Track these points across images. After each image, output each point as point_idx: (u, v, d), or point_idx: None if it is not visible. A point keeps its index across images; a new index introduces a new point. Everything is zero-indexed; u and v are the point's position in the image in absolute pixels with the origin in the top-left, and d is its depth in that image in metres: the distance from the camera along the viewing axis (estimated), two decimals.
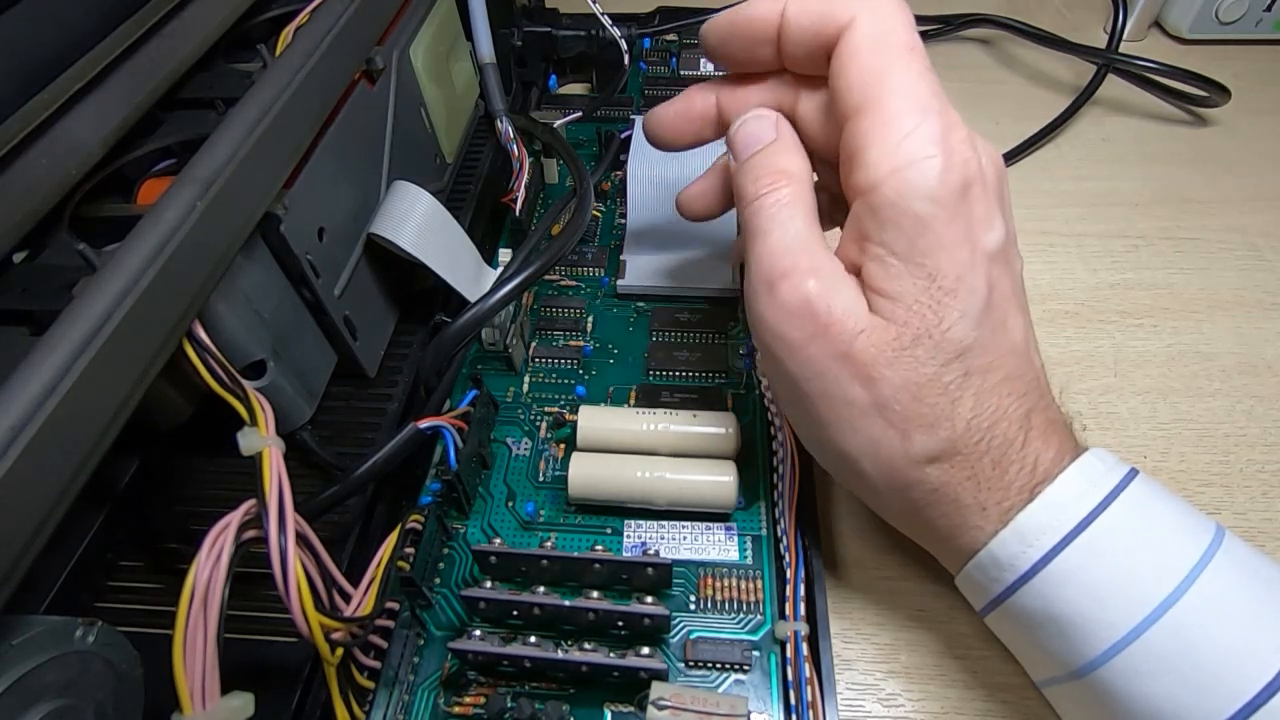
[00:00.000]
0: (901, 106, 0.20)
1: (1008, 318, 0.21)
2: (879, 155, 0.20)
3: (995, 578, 0.21)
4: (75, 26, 0.21)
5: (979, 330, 0.20)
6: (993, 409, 0.20)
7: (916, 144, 0.20)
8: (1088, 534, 0.19)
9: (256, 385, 0.23)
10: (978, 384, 0.20)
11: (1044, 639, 0.20)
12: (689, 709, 0.21)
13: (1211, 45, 0.51)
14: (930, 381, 0.20)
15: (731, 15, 0.24)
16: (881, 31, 0.21)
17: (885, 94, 0.21)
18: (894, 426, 0.20)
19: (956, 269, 0.20)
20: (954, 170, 0.20)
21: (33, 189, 0.19)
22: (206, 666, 0.16)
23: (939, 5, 0.52)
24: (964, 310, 0.20)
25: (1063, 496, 0.20)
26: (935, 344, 0.20)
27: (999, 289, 0.21)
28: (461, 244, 0.31)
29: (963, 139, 0.21)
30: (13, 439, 0.14)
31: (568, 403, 0.31)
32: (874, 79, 0.21)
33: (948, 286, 0.20)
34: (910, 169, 0.20)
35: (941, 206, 0.20)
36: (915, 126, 0.20)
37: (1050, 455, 0.20)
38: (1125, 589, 0.19)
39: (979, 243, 0.20)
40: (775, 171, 0.22)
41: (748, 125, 0.24)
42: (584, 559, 0.24)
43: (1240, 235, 0.39)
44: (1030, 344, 0.22)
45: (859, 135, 0.21)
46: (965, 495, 0.21)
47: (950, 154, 0.20)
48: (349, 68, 0.26)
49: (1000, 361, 0.21)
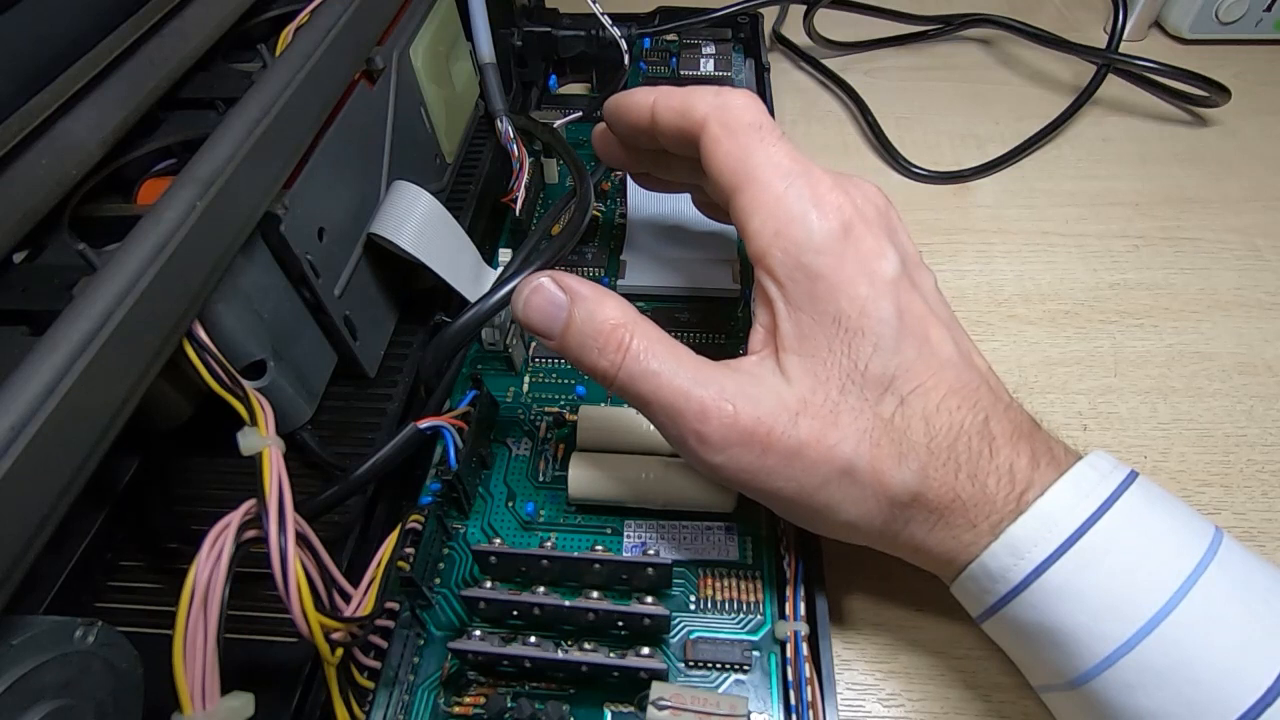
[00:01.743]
0: (766, 177, 0.22)
1: (929, 334, 0.21)
2: (760, 224, 0.22)
3: (988, 589, 0.21)
4: (75, 26, 0.21)
5: (898, 356, 0.21)
6: (946, 426, 0.21)
7: (789, 204, 0.22)
8: (1079, 546, 0.19)
9: (256, 385, 0.23)
10: (919, 407, 0.21)
11: (1039, 649, 0.20)
12: (689, 709, 0.20)
13: (1211, 45, 0.51)
14: (875, 419, 0.21)
15: (617, 100, 0.27)
16: (731, 120, 0.23)
17: (750, 170, 0.22)
18: (868, 480, 0.21)
19: (858, 305, 0.21)
20: (829, 217, 0.21)
21: (33, 189, 0.19)
22: (206, 666, 0.17)
23: (939, 5, 0.52)
24: (876, 343, 0.21)
25: (1053, 508, 0.20)
26: (861, 385, 0.21)
27: (910, 310, 0.21)
28: (461, 244, 0.31)
29: (829, 187, 0.22)
30: (13, 439, 0.14)
31: (568, 403, 0.31)
32: (737, 162, 0.23)
33: (853, 326, 0.21)
34: (790, 227, 0.21)
35: (827, 253, 0.21)
36: (784, 190, 0.22)
37: (1024, 462, 0.20)
38: (1118, 601, 0.19)
39: (875, 274, 0.21)
40: (605, 331, 0.21)
41: (531, 302, 0.22)
42: (584, 559, 0.24)
43: (1240, 235, 0.39)
44: (966, 352, 0.22)
45: (740, 211, 0.22)
46: (955, 517, 0.21)
47: (821, 204, 0.22)
48: (349, 68, 0.26)
49: (935, 379, 0.21)
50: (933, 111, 0.47)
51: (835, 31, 0.52)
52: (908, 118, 0.47)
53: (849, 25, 0.53)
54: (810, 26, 0.51)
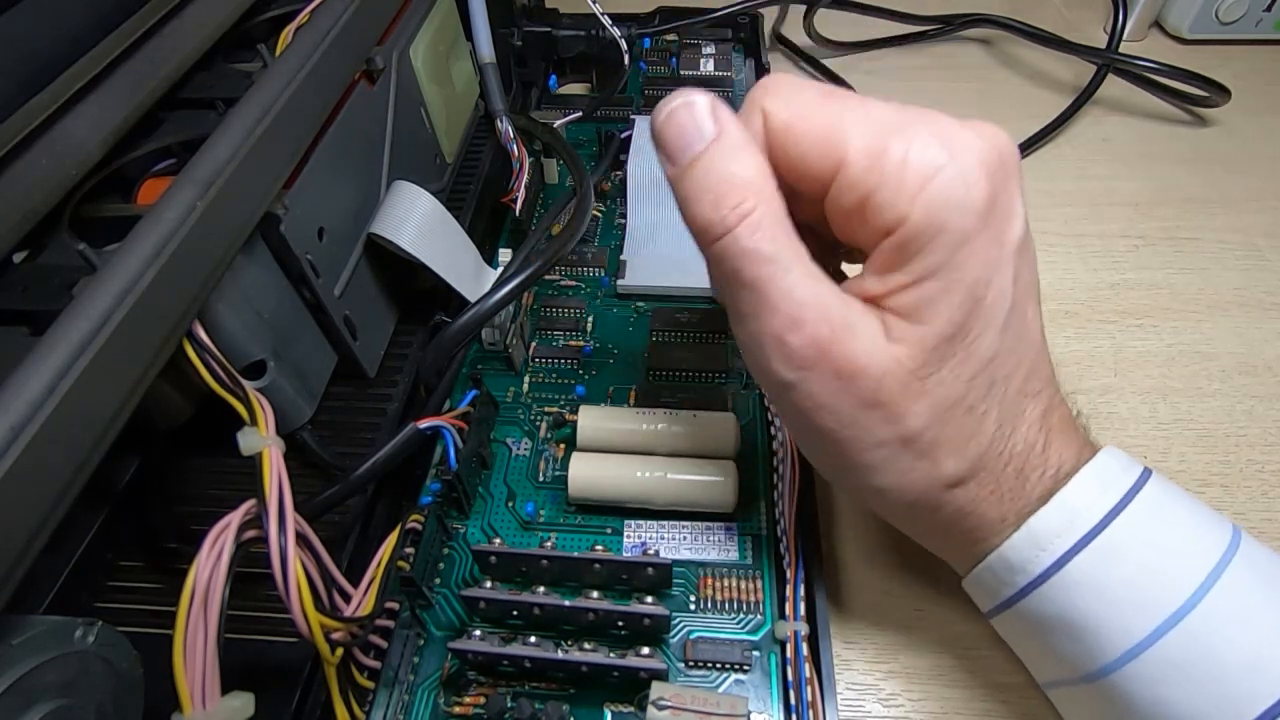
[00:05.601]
0: (874, 137, 0.18)
1: (1027, 311, 0.20)
2: (891, 193, 0.18)
3: (1006, 580, 0.20)
4: (75, 26, 0.21)
5: (1004, 336, 0.19)
6: (1014, 416, 0.20)
7: (919, 161, 0.18)
8: (1103, 537, 0.19)
9: (256, 385, 0.23)
10: (1001, 392, 0.19)
11: (1055, 642, 0.20)
12: (689, 709, 0.20)
13: (1211, 45, 0.51)
14: (958, 401, 0.19)
15: None
16: (797, 96, 0.19)
17: (850, 138, 0.18)
18: (924, 456, 0.19)
19: (988, 274, 0.18)
20: (971, 167, 0.18)
21: (33, 189, 0.19)
22: (207, 666, 0.17)
23: (939, 5, 0.52)
24: (989, 319, 0.19)
25: (1077, 499, 0.19)
26: (962, 360, 0.19)
27: (1021, 282, 0.19)
28: (461, 244, 0.31)
29: (958, 129, 0.18)
30: (13, 439, 0.14)
31: (568, 403, 0.31)
32: (828, 132, 0.19)
33: (979, 294, 0.18)
34: (930, 188, 0.18)
35: (973, 212, 0.18)
36: (906, 147, 0.18)
37: (1070, 455, 0.20)
38: (1141, 594, 0.19)
39: (1005, 238, 0.19)
40: (733, 186, 0.18)
41: (676, 115, 0.19)
42: (584, 559, 0.24)
43: (1240, 235, 0.39)
44: (1043, 329, 0.21)
45: (854, 187, 0.18)
46: (990, 510, 0.20)
47: (957, 153, 0.18)
48: (349, 68, 0.26)
49: (1021, 362, 0.20)
50: None
51: (835, 31, 0.52)
52: None
53: (849, 25, 0.53)
54: (810, 26, 0.51)
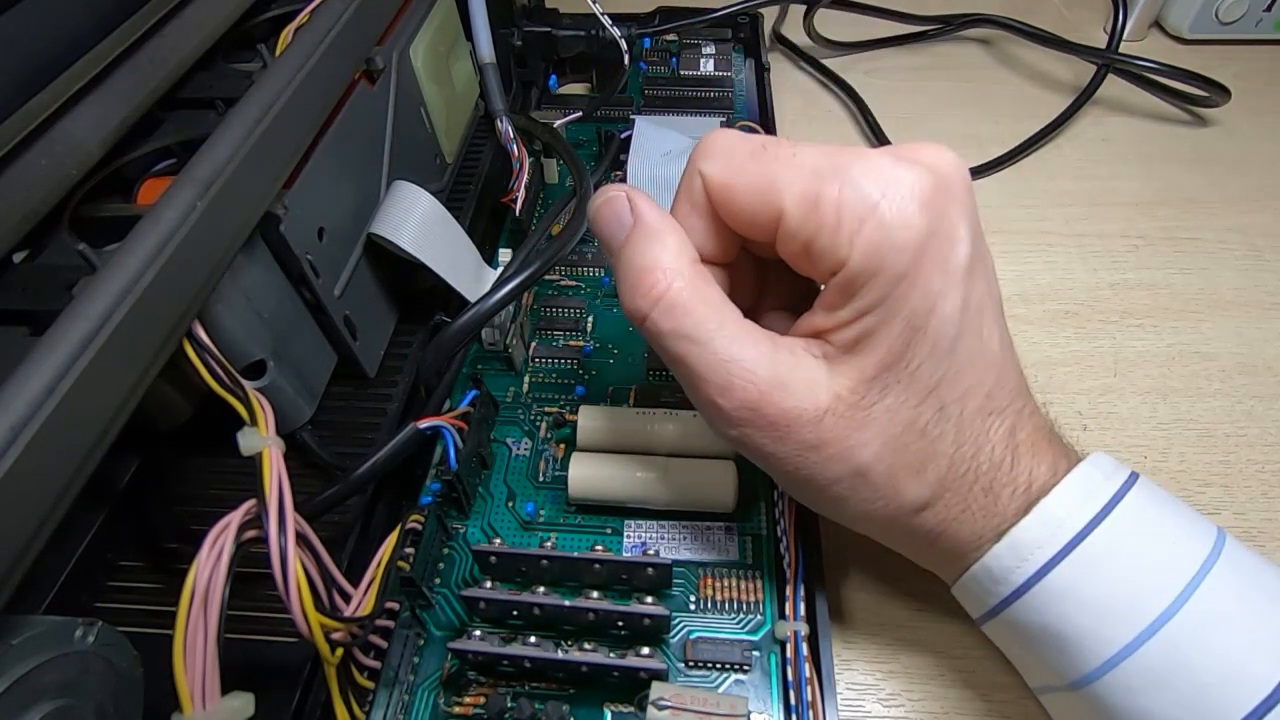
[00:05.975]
0: (807, 186, 0.19)
1: (983, 329, 0.20)
2: (829, 239, 0.19)
3: (990, 590, 0.20)
4: (75, 26, 0.21)
5: (951, 359, 0.19)
6: (975, 435, 0.20)
7: (852, 204, 0.18)
8: (1082, 548, 0.19)
9: (256, 385, 0.23)
10: (955, 414, 0.20)
11: (1040, 651, 0.20)
12: (689, 709, 0.20)
13: (1211, 45, 0.51)
14: (908, 427, 0.19)
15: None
16: (731, 156, 0.20)
17: (784, 190, 0.19)
18: (885, 485, 0.20)
19: (928, 303, 0.19)
20: (904, 202, 0.18)
21: (33, 189, 0.19)
22: (206, 666, 0.17)
23: (939, 5, 0.52)
24: (934, 344, 0.19)
25: (1057, 510, 0.19)
26: (905, 386, 0.19)
27: (973, 302, 0.19)
28: (461, 244, 0.31)
29: (889, 165, 0.19)
30: (13, 439, 0.14)
31: (568, 403, 0.31)
32: (764, 186, 0.19)
33: (917, 324, 0.19)
34: (864, 230, 0.18)
35: (908, 249, 0.18)
36: (838, 192, 0.18)
37: (1045, 468, 0.20)
38: (1121, 604, 0.19)
39: (949, 265, 0.19)
40: (646, 271, 0.20)
41: (601, 211, 0.21)
42: (584, 559, 0.24)
43: (1240, 235, 0.39)
44: (1007, 344, 0.21)
45: (794, 236, 0.19)
46: (963, 529, 0.20)
47: (889, 191, 0.18)
48: (349, 68, 0.26)
49: (978, 381, 0.20)
50: (933, 111, 0.47)
51: (835, 31, 0.52)
52: (908, 118, 0.47)
53: (849, 25, 0.53)
54: (810, 26, 0.51)
